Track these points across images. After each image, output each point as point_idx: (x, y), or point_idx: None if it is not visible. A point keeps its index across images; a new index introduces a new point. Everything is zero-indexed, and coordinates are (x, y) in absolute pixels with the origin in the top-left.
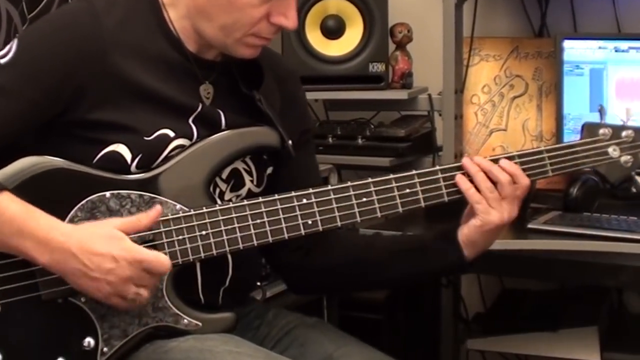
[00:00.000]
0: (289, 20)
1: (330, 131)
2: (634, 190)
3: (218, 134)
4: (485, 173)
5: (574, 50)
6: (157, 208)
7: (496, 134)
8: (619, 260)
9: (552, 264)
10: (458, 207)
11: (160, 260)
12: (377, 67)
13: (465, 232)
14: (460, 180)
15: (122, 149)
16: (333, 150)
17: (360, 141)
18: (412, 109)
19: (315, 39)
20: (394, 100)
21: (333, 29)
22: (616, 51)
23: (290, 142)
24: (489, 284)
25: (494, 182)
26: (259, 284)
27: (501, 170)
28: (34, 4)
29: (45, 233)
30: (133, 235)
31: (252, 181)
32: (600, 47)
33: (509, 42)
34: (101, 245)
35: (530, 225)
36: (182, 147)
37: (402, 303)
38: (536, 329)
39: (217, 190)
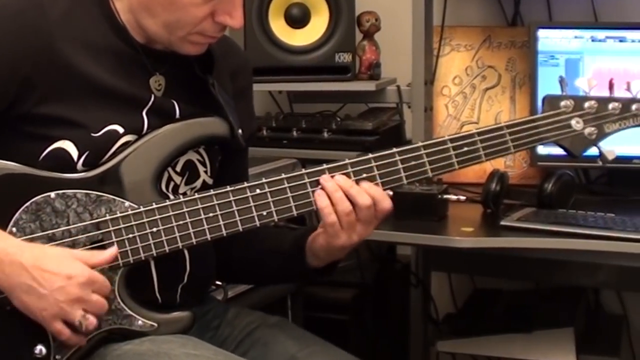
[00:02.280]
0: (234, 20)
1: (295, 124)
2: (600, 163)
3: (164, 127)
4: (344, 193)
5: (548, 39)
6: (114, 248)
7: (467, 127)
8: (595, 258)
9: (526, 262)
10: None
11: (108, 283)
12: (344, 58)
13: (311, 244)
14: (318, 197)
15: (69, 146)
16: (297, 144)
17: (326, 135)
18: (380, 100)
19: (279, 28)
20: (361, 91)
21: (297, 17)
22: (593, 41)
23: (240, 131)
24: (460, 284)
25: (353, 203)
26: (219, 283)
27: (361, 191)
28: None
29: None
30: (81, 236)
31: (206, 172)
32: (576, 37)
33: (481, 31)
34: (54, 263)
35: (503, 222)
36: (129, 143)
37: (370, 303)
38: (509, 330)
39: (172, 184)
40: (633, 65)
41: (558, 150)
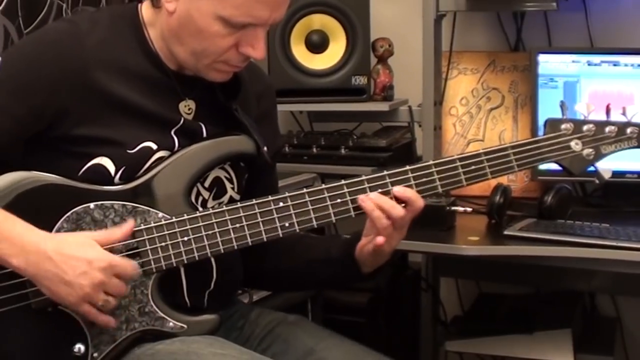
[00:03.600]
0: (257, 51)
1: (315, 141)
2: (597, 182)
3: (195, 145)
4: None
5: (548, 63)
6: (130, 222)
7: (474, 144)
8: (591, 265)
9: (528, 269)
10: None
11: (131, 264)
12: (360, 80)
13: (360, 253)
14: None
15: (106, 162)
16: (317, 159)
17: (343, 151)
18: (393, 120)
19: (300, 53)
20: (376, 111)
21: (317, 43)
22: (589, 65)
23: (265, 148)
24: (467, 288)
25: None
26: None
27: (393, 205)
28: (31, 19)
29: (21, 236)
30: (118, 244)
31: (233, 188)
32: (573, 61)
33: (486, 56)
34: (76, 250)
35: (506, 232)
36: (163, 158)
37: (383, 306)
38: (512, 331)
39: (200, 199)
40: (626, 88)
41: (557, 166)
